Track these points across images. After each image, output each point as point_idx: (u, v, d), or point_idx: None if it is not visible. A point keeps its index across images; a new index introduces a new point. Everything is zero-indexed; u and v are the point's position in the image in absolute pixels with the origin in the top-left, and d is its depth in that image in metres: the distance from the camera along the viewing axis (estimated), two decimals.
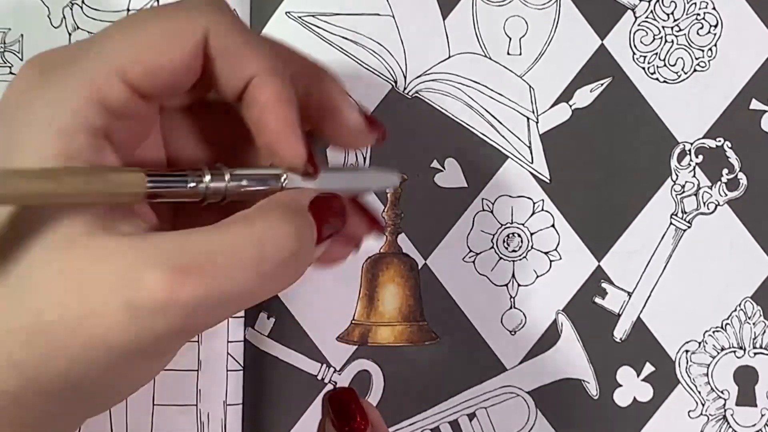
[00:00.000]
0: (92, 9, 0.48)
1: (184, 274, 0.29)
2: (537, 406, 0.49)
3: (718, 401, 0.49)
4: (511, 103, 0.49)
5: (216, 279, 0.30)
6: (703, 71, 0.49)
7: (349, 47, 0.48)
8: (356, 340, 0.49)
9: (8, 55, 0.48)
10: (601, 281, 0.49)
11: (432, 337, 0.49)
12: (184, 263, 0.29)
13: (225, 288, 0.30)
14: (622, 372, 0.49)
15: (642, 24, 0.49)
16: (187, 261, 0.30)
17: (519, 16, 0.49)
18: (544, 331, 0.49)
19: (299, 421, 0.48)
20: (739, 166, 0.49)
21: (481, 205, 0.49)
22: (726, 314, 0.49)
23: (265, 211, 0.32)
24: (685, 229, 0.49)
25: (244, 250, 0.30)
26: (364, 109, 0.37)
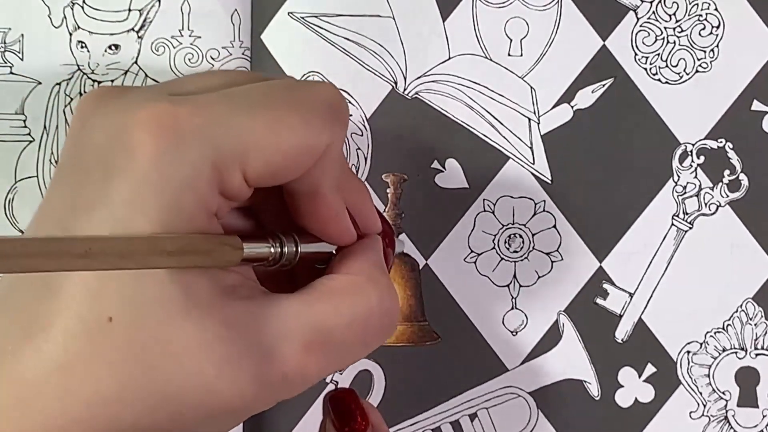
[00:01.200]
0: (93, 9, 0.48)
1: (311, 350, 0.31)
2: (538, 407, 0.49)
3: (720, 402, 0.49)
4: (512, 104, 0.49)
5: (333, 353, 0.32)
6: (704, 72, 0.49)
7: (350, 48, 0.48)
8: None
9: (8, 54, 0.48)
10: (603, 282, 0.49)
11: (433, 337, 0.49)
12: (312, 340, 0.31)
13: (338, 360, 0.33)
14: (624, 373, 0.49)
15: (644, 25, 0.49)
16: (314, 338, 0.31)
17: (520, 18, 0.49)
18: (546, 331, 0.49)
19: (300, 422, 0.48)
20: (740, 167, 0.49)
21: (483, 206, 0.49)
22: (727, 315, 0.49)
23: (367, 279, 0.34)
24: (686, 230, 0.49)
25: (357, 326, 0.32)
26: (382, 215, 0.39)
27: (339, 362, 0.33)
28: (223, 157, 0.30)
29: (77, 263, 0.26)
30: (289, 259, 0.34)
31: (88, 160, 0.31)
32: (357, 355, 0.34)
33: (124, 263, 0.27)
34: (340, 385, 0.49)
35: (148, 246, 0.28)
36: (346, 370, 0.49)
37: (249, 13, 0.48)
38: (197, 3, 0.48)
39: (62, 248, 0.25)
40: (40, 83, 0.48)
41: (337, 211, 0.34)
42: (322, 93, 0.33)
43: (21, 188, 0.48)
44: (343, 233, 0.35)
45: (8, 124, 0.48)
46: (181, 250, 0.29)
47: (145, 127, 0.29)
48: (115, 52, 0.48)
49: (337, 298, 0.33)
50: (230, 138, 0.30)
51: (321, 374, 0.32)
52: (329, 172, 0.33)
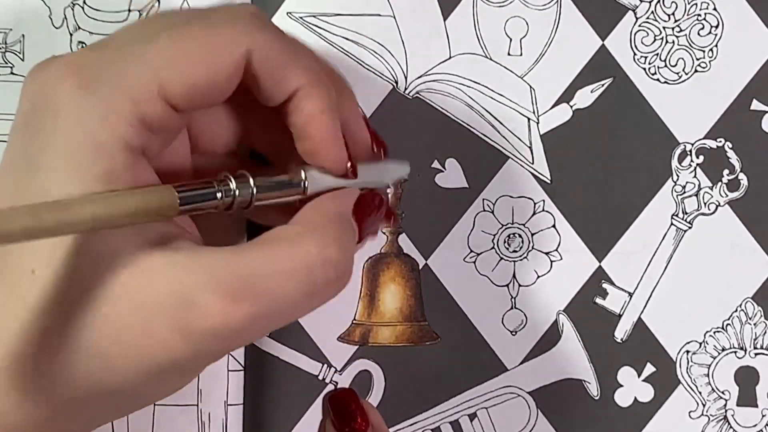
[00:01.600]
0: (93, 9, 0.48)
1: (238, 299, 0.30)
2: (538, 407, 0.49)
3: (719, 402, 0.49)
4: (511, 103, 0.49)
5: (267, 303, 0.30)
6: (704, 72, 0.49)
7: (350, 48, 0.48)
8: (357, 340, 0.49)
9: (9, 55, 0.48)
10: (602, 281, 0.49)
11: (433, 337, 0.49)
12: (238, 288, 0.30)
13: (274, 311, 0.31)
14: (623, 372, 0.49)
15: (643, 24, 0.49)
16: (241, 285, 0.30)
17: (519, 17, 0.49)
18: (545, 331, 0.49)
19: (300, 421, 0.48)
20: (739, 167, 0.49)
21: (482, 206, 0.49)
22: (727, 315, 0.49)
23: (313, 228, 0.32)
24: (685, 230, 0.49)
25: (295, 274, 0.31)
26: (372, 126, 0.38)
27: (278, 314, 0.31)
28: (136, 88, 0.30)
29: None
30: (243, 203, 0.32)
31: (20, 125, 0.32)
32: (302, 308, 0.32)
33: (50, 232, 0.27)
34: (340, 386, 0.49)
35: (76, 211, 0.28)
36: (346, 370, 0.49)
37: None
38: (197, 3, 0.48)
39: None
40: None
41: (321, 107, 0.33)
42: (233, 8, 0.33)
43: None
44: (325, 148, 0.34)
45: (8, 125, 0.48)
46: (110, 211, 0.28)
47: (59, 78, 0.30)
48: None
49: (271, 246, 0.31)
50: (140, 66, 0.30)
51: (257, 327, 0.31)
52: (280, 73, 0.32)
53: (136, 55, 0.31)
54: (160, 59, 0.30)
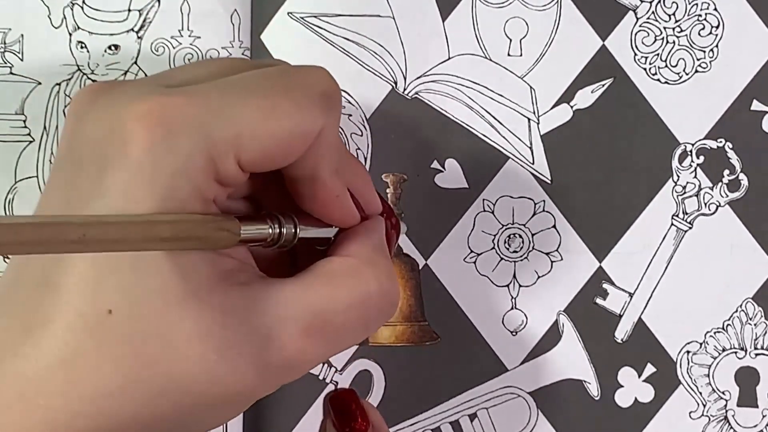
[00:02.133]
0: (93, 9, 0.48)
1: (311, 334, 0.31)
2: (538, 407, 0.49)
3: (720, 402, 0.49)
4: (511, 104, 0.49)
5: (334, 336, 0.32)
6: (704, 72, 0.49)
7: (350, 48, 0.48)
8: None
9: (8, 55, 0.48)
10: (603, 282, 0.49)
11: (433, 337, 0.49)
12: (311, 323, 0.31)
13: (339, 342, 0.33)
14: (624, 373, 0.49)
15: (643, 25, 0.49)
16: (314, 321, 0.31)
17: (519, 18, 0.49)
18: (545, 331, 0.49)
19: (300, 421, 0.48)
20: (740, 167, 0.49)
21: (482, 206, 0.49)
22: (727, 315, 0.49)
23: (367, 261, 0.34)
24: (686, 230, 0.49)
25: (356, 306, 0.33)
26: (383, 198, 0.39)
27: (339, 345, 0.33)
28: (216, 145, 0.30)
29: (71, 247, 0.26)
30: (288, 239, 0.34)
31: (83, 155, 0.31)
32: (357, 337, 0.34)
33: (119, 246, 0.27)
34: (340, 385, 0.49)
35: (143, 227, 0.28)
36: (347, 370, 0.49)
37: (249, 13, 0.48)
38: (197, 3, 0.48)
39: (56, 233, 0.25)
40: (40, 83, 0.48)
41: (337, 193, 0.34)
42: (315, 78, 0.33)
43: (21, 188, 0.48)
44: (344, 216, 0.35)
45: (8, 124, 0.48)
46: (177, 231, 0.29)
47: (138, 119, 0.30)
48: (115, 53, 0.48)
49: (334, 281, 0.33)
50: (223, 126, 0.30)
51: (321, 357, 0.32)
52: (326, 156, 0.33)
53: (218, 112, 0.31)
54: (243, 124, 0.31)
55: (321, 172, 0.33)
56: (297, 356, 0.31)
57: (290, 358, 0.31)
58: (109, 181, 0.29)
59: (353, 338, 0.34)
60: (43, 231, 0.25)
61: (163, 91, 0.31)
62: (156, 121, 0.30)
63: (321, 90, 0.33)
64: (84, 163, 0.31)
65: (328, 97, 0.33)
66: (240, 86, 0.32)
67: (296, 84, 0.32)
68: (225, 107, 0.31)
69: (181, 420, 0.31)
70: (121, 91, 0.31)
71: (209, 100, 0.31)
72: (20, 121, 0.48)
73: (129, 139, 0.30)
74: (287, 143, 0.31)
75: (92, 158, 0.30)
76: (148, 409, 0.30)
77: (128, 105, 0.30)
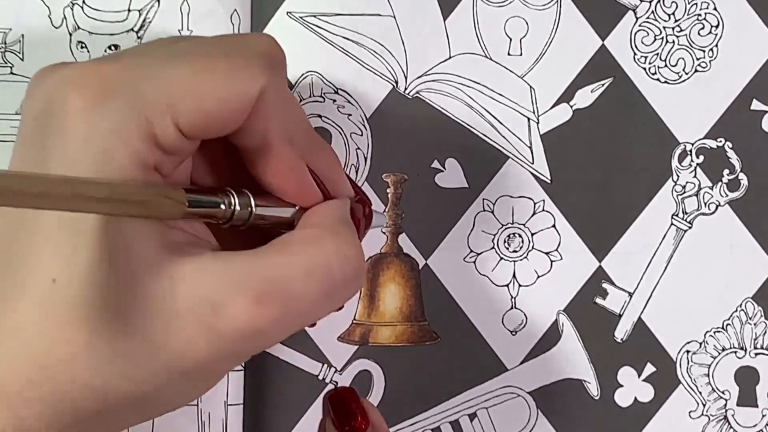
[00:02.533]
0: (93, 9, 0.48)
1: (263, 301, 0.31)
2: (538, 407, 0.49)
3: (719, 402, 0.49)
4: (511, 103, 0.49)
5: (290, 304, 0.31)
6: (704, 72, 0.49)
7: (350, 47, 0.48)
8: (357, 340, 0.49)
9: (9, 55, 0.48)
10: (602, 281, 0.49)
11: (433, 337, 0.49)
12: (263, 291, 0.31)
13: (297, 312, 0.32)
14: (623, 372, 0.49)
15: (643, 24, 0.49)
16: (266, 288, 0.31)
17: (519, 17, 0.49)
18: (545, 331, 0.49)
19: (300, 421, 0.48)
20: (739, 167, 0.49)
21: (482, 206, 0.49)
22: (727, 315, 0.49)
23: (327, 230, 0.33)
24: (686, 230, 0.49)
25: (315, 274, 0.32)
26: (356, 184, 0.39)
27: (300, 314, 0.32)
28: (150, 107, 0.30)
29: None
30: (241, 217, 0.33)
31: (29, 130, 0.31)
32: (320, 308, 0.33)
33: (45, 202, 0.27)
34: (340, 385, 0.49)
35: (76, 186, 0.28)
36: (346, 370, 0.49)
37: (248, 12, 0.48)
38: (197, 3, 0.48)
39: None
40: None
41: (291, 164, 0.34)
42: (253, 40, 0.33)
43: None
44: (301, 189, 0.35)
45: (8, 124, 0.48)
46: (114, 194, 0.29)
47: (72, 86, 0.30)
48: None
49: (291, 248, 0.32)
50: (155, 86, 0.30)
51: (281, 328, 0.32)
52: (273, 120, 0.33)
53: (152, 75, 0.31)
54: (177, 85, 0.31)
55: (271, 138, 0.33)
56: (250, 325, 0.30)
57: (242, 328, 0.30)
58: (50, 149, 0.30)
59: (316, 308, 0.33)
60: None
61: (98, 60, 0.31)
62: (89, 87, 0.30)
63: (259, 50, 0.32)
64: (30, 136, 0.31)
65: (269, 57, 0.33)
66: (174, 50, 0.32)
67: (231, 46, 0.32)
68: (157, 69, 0.31)
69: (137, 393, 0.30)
70: (61, 67, 0.32)
71: (141, 63, 0.31)
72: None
73: (64, 107, 0.30)
74: (225, 104, 0.31)
75: (35, 131, 0.31)
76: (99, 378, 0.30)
77: (65, 76, 0.30)
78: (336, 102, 0.48)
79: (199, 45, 0.33)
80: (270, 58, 0.33)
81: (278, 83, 0.33)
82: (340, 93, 0.48)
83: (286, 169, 0.34)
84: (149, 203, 0.30)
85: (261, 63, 0.32)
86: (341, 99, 0.48)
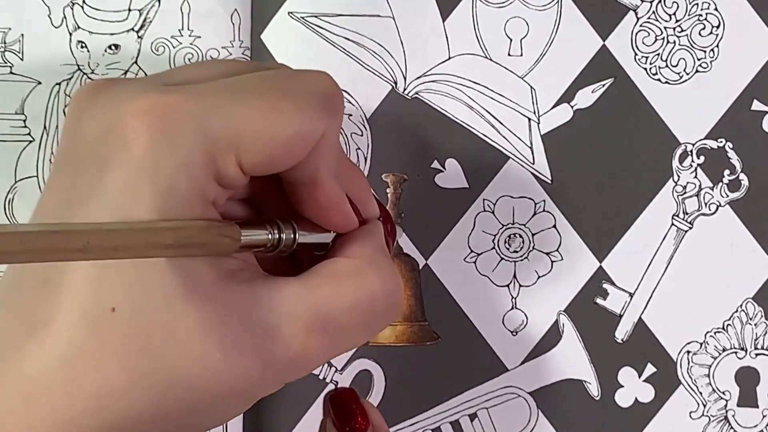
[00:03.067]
0: (93, 9, 0.48)
1: (314, 331, 0.32)
2: (538, 407, 0.49)
3: (720, 402, 0.49)
4: (512, 103, 0.49)
5: (337, 335, 0.32)
6: (704, 72, 0.49)
7: (350, 48, 0.48)
8: None
9: (8, 54, 0.48)
10: (603, 282, 0.49)
11: (433, 337, 0.49)
12: (315, 322, 0.32)
13: (342, 341, 0.33)
14: (624, 373, 0.49)
15: (644, 25, 0.49)
16: (317, 319, 0.32)
17: (520, 18, 0.49)
18: (546, 331, 0.49)
19: (301, 421, 0.48)
20: (740, 167, 0.49)
21: (483, 206, 0.49)
22: (727, 315, 0.49)
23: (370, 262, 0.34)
24: (686, 230, 0.49)
25: (360, 306, 0.33)
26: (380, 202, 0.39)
27: (343, 345, 0.33)
28: (216, 145, 0.30)
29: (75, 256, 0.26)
30: (287, 245, 0.34)
31: (83, 153, 0.31)
32: (362, 337, 0.34)
33: (122, 254, 0.27)
34: (341, 385, 0.49)
35: (146, 236, 0.28)
36: (347, 370, 0.49)
37: (249, 12, 0.48)
38: (197, 3, 0.48)
39: (59, 242, 0.25)
40: (40, 83, 0.48)
41: (336, 198, 0.34)
42: (317, 81, 0.33)
43: (21, 188, 0.48)
44: (344, 220, 0.35)
45: (8, 124, 0.48)
46: (179, 238, 0.29)
47: (138, 117, 0.29)
48: (115, 52, 0.48)
49: (338, 281, 0.33)
50: (223, 126, 0.30)
51: (325, 356, 0.32)
52: (326, 161, 0.33)
53: (219, 112, 0.30)
54: (244, 124, 0.31)
55: (321, 176, 0.33)
56: (301, 354, 0.31)
57: (294, 356, 0.31)
58: (109, 179, 0.29)
59: (357, 338, 0.34)
60: (46, 240, 0.25)
61: (163, 89, 0.31)
62: (156, 119, 0.30)
63: (322, 93, 0.33)
64: (84, 161, 0.30)
65: (330, 101, 0.33)
66: (240, 87, 0.32)
67: (297, 86, 0.32)
68: (225, 107, 0.31)
69: (187, 416, 0.31)
70: (120, 88, 0.31)
71: (209, 99, 0.31)
72: (20, 121, 0.48)
73: (129, 137, 0.29)
74: (288, 146, 0.31)
75: (92, 157, 0.30)
76: (153, 406, 0.30)
77: (127, 103, 0.30)
78: None
79: (264, 81, 0.32)
80: (331, 101, 0.33)
81: (336, 125, 0.33)
82: None
83: (331, 202, 0.34)
84: (209, 243, 0.30)
85: (324, 106, 0.32)
86: None
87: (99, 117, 0.31)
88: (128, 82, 0.32)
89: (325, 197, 0.34)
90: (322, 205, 0.34)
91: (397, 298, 0.34)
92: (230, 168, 0.31)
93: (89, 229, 0.26)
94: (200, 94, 0.31)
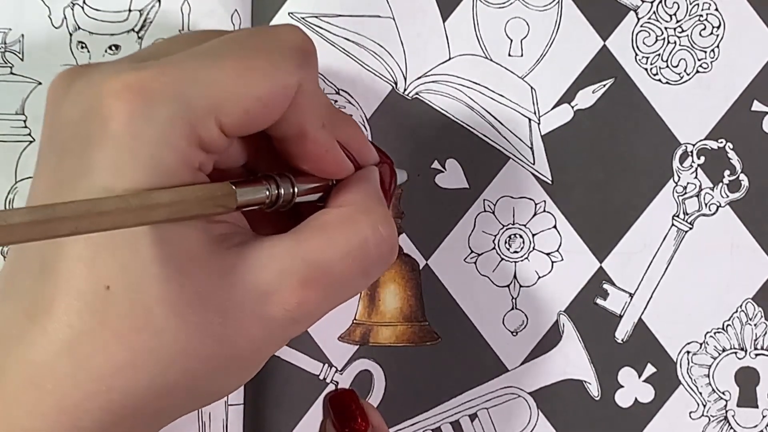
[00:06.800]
0: (93, 9, 0.48)
1: (308, 285, 0.32)
2: (538, 407, 0.49)
3: (720, 402, 0.49)
4: (512, 104, 0.49)
5: (333, 286, 0.33)
6: (705, 72, 0.49)
7: (350, 48, 0.48)
8: (358, 340, 0.49)
9: (9, 55, 0.48)
10: (603, 282, 0.49)
11: (433, 337, 0.49)
12: (309, 276, 0.32)
13: (338, 291, 0.33)
14: (624, 373, 0.49)
15: (644, 25, 0.49)
16: (310, 272, 0.32)
17: (520, 18, 0.49)
18: (546, 331, 0.49)
19: (301, 421, 0.48)
20: (740, 168, 0.49)
21: (483, 206, 0.49)
22: (727, 315, 0.49)
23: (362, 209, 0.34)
24: (686, 231, 0.49)
25: (352, 254, 0.33)
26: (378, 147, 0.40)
27: (340, 294, 0.34)
28: (195, 111, 0.30)
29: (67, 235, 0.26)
30: (286, 199, 0.34)
31: (65, 137, 0.31)
32: (358, 286, 0.34)
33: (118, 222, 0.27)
34: (341, 385, 0.49)
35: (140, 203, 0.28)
36: (347, 370, 0.49)
37: (249, 13, 0.48)
38: (197, 3, 0.48)
39: (49, 229, 0.25)
40: (40, 83, 0.48)
41: (326, 146, 0.35)
42: (287, 35, 0.33)
43: (21, 188, 0.48)
44: (337, 168, 0.36)
45: (8, 125, 0.48)
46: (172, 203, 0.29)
47: (116, 96, 0.30)
48: (116, 53, 0.48)
49: (329, 231, 0.33)
50: (200, 91, 0.31)
51: (324, 308, 0.33)
52: (309, 111, 0.33)
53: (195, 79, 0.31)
54: (221, 88, 0.31)
55: (307, 127, 0.34)
56: (299, 308, 0.32)
57: (293, 311, 0.32)
58: (94, 158, 0.30)
59: (354, 286, 0.34)
60: (35, 229, 0.25)
61: (137, 66, 0.31)
62: (133, 95, 0.30)
63: (294, 46, 0.33)
64: (67, 145, 0.31)
65: (303, 53, 0.33)
66: (213, 52, 0.32)
67: (268, 43, 0.33)
68: (200, 73, 0.31)
69: (195, 387, 0.31)
70: (96, 71, 0.32)
71: (183, 68, 0.31)
72: (20, 121, 0.48)
73: (108, 115, 0.30)
74: (266, 102, 0.32)
75: (75, 139, 0.31)
76: (158, 380, 0.30)
77: (104, 83, 0.30)
78: (337, 102, 0.48)
79: (235, 43, 0.33)
80: (303, 51, 0.33)
81: (312, 75, 0.33)
82: (340, 93, 0.48)
83: (322, 152, 0.35)
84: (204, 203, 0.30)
85: (297, 58, 0.33)
86: (342, 99, 0.48)
87: (77, 100, 0.31)
88: (103, 65, 0.33)
89: (314, 147, 0.34)
90: (313, 156, 0.35)
91: (391, 243, 0.34)
92: (212, 132, 0.31)
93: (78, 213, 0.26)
94: (173, 64, 0.31)
